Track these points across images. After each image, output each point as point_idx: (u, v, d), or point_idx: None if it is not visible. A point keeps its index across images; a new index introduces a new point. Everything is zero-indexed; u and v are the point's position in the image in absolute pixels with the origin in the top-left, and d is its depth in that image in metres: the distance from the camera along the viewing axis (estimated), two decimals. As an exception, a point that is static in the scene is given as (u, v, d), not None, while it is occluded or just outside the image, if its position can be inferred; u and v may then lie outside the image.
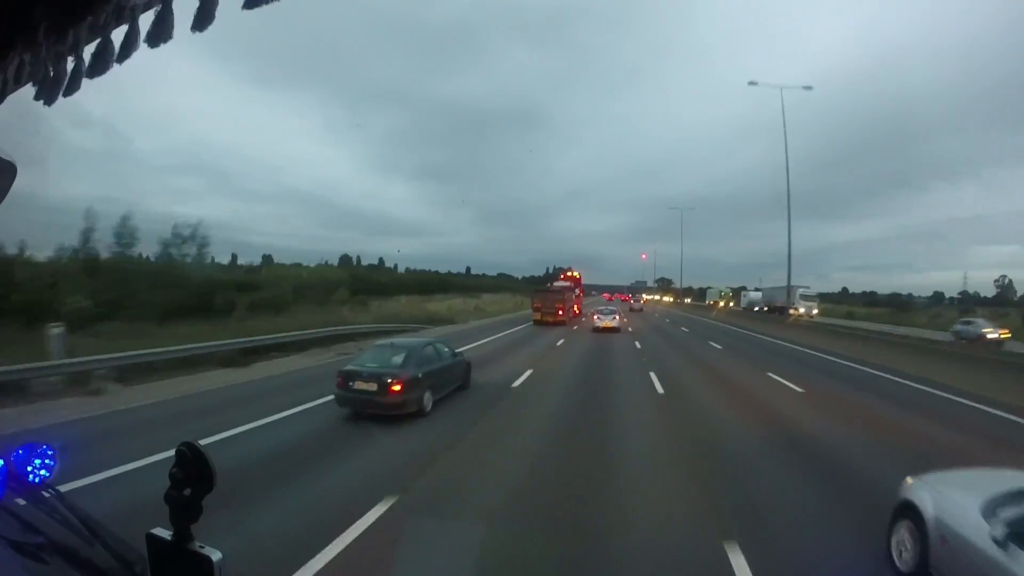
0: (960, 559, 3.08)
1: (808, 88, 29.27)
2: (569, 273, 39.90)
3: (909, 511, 3.56)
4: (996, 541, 2.79)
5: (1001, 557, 2.75)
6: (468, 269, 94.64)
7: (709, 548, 3.85)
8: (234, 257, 39.48)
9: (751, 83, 27.61)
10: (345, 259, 61.21)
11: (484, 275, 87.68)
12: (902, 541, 3.59)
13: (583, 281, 43.79)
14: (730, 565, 3.60)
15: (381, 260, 68.12)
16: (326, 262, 50.49)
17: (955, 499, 3.34)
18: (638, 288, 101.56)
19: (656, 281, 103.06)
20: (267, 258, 44.90)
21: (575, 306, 34.62)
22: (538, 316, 28.23)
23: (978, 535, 2.95)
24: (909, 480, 3.83)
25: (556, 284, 35.16)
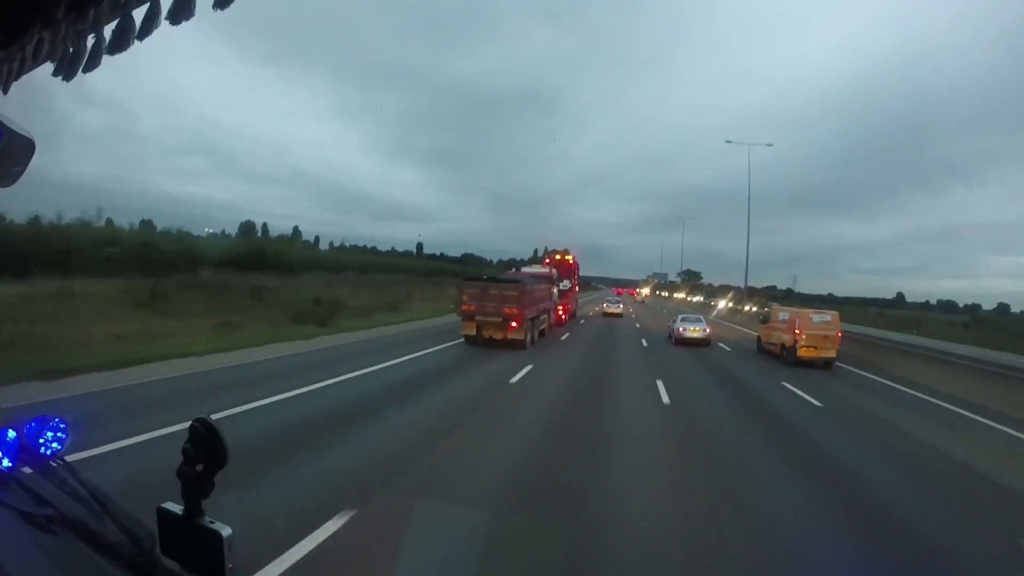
0: (673, 330, 19.60)
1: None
2: (558, 256, 25.87)
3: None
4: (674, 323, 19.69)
5: (672, 325, 20.14)
6: (419, 247, 72.62)
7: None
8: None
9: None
10: (248, 226, 45.59)
11: (442, 255, 65.77)
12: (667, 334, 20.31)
13: (580, 268, 28.76)
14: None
15: (296, 228, 52.32)
16: (224, 231, 39.20)
17: (673, 320, 20.97)
18: (657, 282, 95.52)
19: (681, 274, 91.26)
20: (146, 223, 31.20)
21: (559, 309, 21.74)
22: (471, 330, 14.95)
23: (674, 323, 20.13)
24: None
25: (522, 271, 21.48)
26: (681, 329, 18.54)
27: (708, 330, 18.59)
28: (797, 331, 14.92)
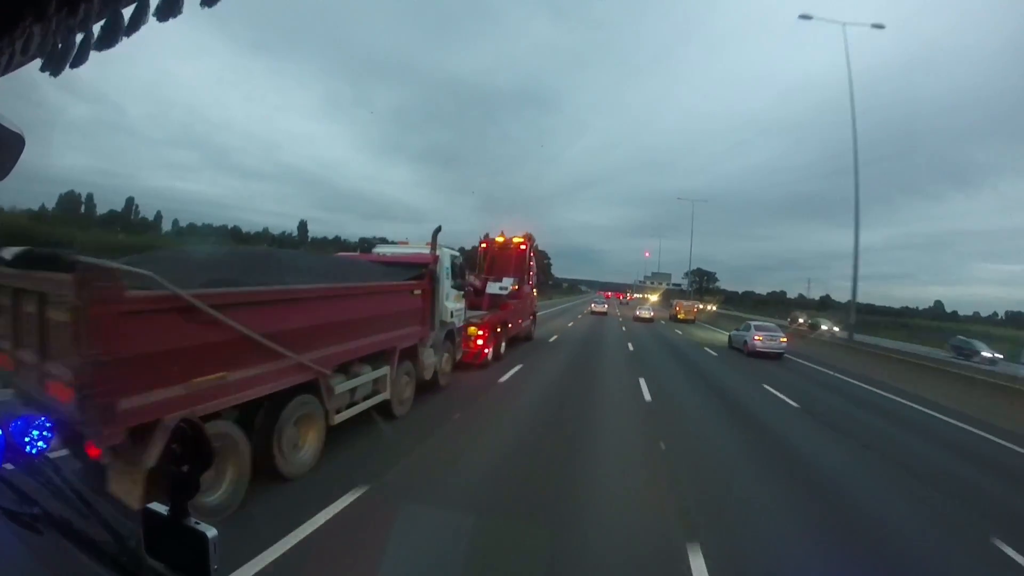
0: (635, 314, 35.65)
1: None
2: (499, 240, 15.09)
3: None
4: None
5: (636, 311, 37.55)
6: (303, 226, 60.38)
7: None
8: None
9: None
10: (69, 198, 36.38)
11: (338, 239, 52.54)
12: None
13: (552, 264, 19.87)
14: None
15: (131, 200, 40.18)
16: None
17: (634, 309, 39.34)
18: (666, 288, 78.56)
19: (688, 275, 73.50)
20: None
21: (478, 335, 10.70)
22: None
23: (636, 311, 36.75)
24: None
25: (373, 254, 8.73)
26: (638, 313, 34.41)
27: (652, 314, 34.63)
28: (677, 308, 37.32)
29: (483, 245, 15.12)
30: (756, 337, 17.26)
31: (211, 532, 0.86)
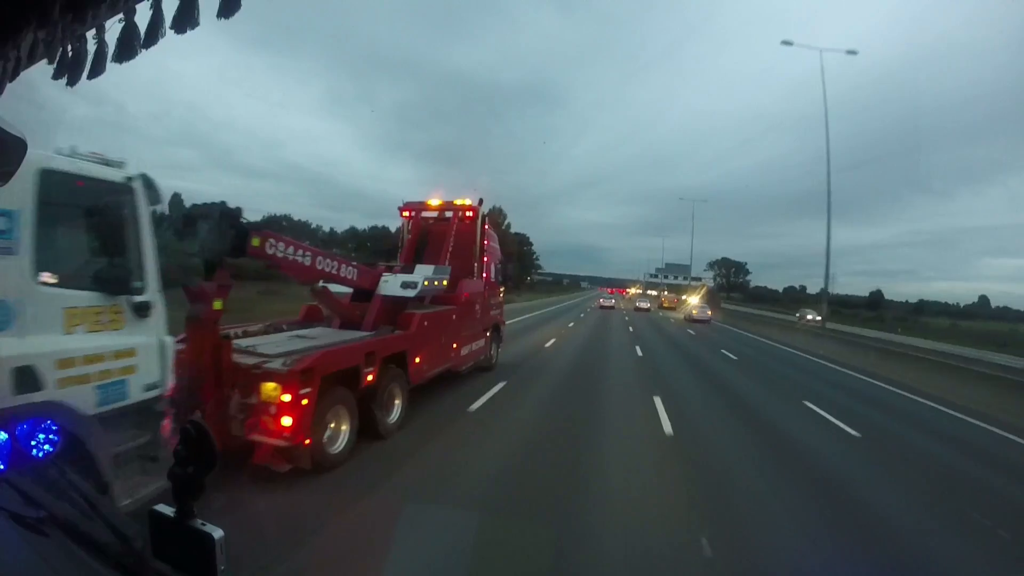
0: (635, 305, 50.89)
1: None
2: (430, 207, 8.53)
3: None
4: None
5: (635, 303, 52.92)
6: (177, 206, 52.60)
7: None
8: None
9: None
10: None
11: None
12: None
13: (538, 256, 15.07)
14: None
15: None
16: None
17: (635, 300, 57.41)
18: (707, 288, 70.00)
19: (713, 266, 71.56)
20: None
21: (291, 410, 4.02)
22: None
23: (636, 301, 53.74)
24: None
25: None
26: (639, 304, 44.87)
27: (648, 304, 46.27)
28: (663, 300, 54.84)
29: (406, 214, 8.91)
30: (693, 311, 34.95)
31: (217, 533, 0.87)
